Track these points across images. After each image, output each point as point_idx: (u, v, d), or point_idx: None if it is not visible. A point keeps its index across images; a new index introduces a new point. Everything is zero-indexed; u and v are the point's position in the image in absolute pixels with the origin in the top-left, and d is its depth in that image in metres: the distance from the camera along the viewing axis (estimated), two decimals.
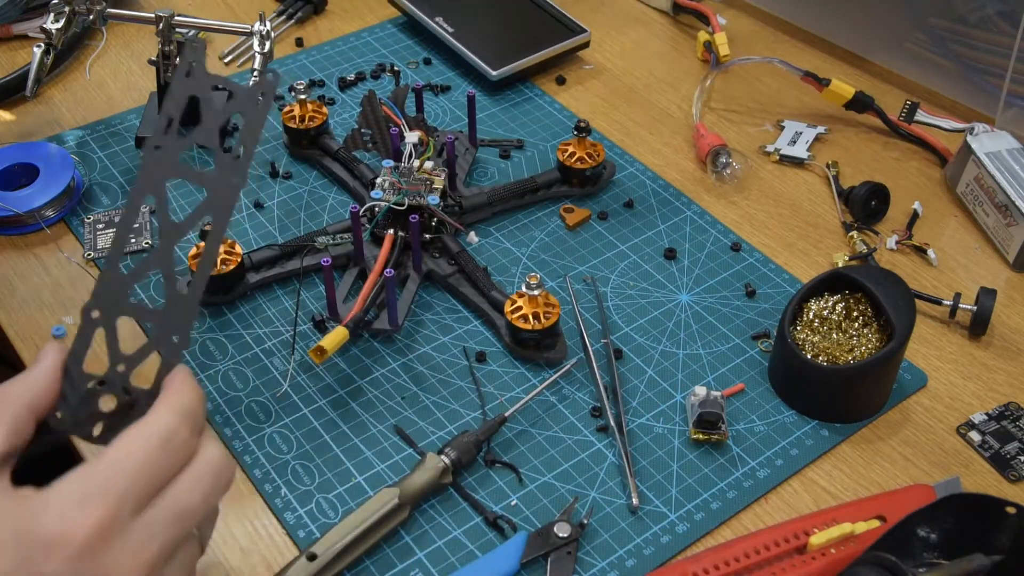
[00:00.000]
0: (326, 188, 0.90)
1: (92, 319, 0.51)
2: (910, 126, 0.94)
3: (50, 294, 0.81)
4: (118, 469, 0.45)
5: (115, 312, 0.51)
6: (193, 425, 0.48)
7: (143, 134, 0.93)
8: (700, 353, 0.76)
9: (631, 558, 0.64)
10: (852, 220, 0.86)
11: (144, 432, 0.47)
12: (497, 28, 1.04)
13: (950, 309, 0.78)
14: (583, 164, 0.87)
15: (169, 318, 0.51)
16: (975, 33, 0.94)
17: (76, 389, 0.50)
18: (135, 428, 0.47)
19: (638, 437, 0.71)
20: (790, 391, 0.73)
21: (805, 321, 0.73)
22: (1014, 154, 0.85)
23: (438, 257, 0.81)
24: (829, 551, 0.62)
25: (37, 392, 0.49)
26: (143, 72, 1.02)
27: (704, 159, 0.91)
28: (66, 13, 0.88)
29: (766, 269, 0.83)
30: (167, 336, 0.51)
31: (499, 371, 0.75)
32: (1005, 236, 0.83)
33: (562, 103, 0.99)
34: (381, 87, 1.00)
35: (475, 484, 0.68)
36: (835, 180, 0.89)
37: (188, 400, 0.49)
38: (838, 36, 1.06)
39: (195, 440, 0.48)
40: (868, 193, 0.85)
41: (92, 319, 0.51)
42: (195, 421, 0.48)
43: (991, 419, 0.72)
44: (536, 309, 0.74)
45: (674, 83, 1.02)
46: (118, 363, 0.51)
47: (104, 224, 0.85)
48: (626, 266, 0.83)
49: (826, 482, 0.69)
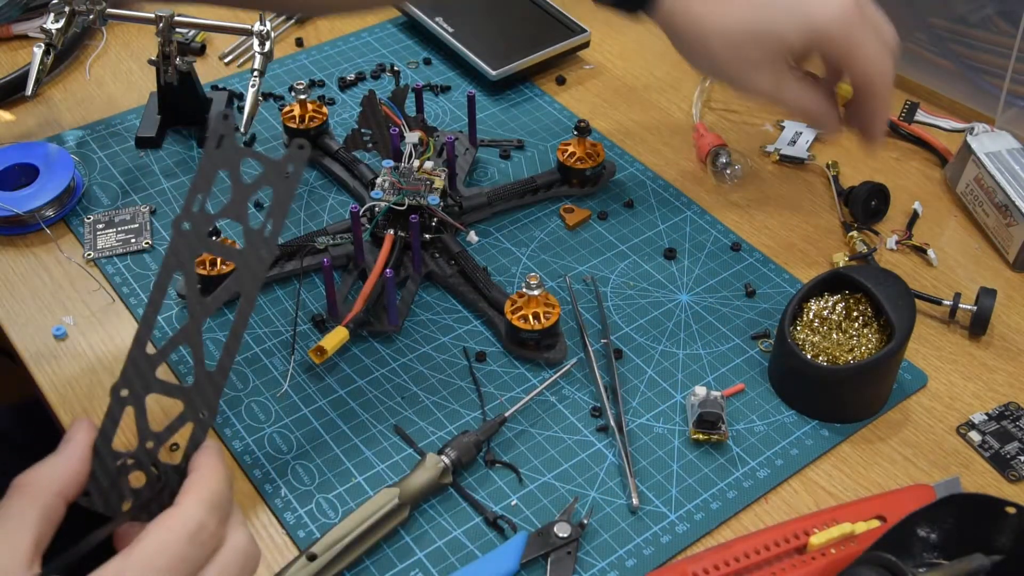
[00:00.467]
0: (326, 188, 0.90)
1: (121, 397, 0.52)
2: (910, 126, 0.94)
3: (50, 294, 0.80)
4: (150, 565, 0.46)
5: (144, 390, 0.52)
6: (221, 516, 0.50)
7: (143, 134, 0.93)
8: (700, 353, 0.76)
9: (631, 558, 0.64)
10: (852, 220, 0.86)
11: (173, 526, 0.48)
12: (497, 28, 1.04)
13: (950, 309, 0.78)
14: (583, 164, 0.87)
15: (198, 394, 0.52)
16: (975, 33, 0.94)
17: (106, 469, 0.51)
18: (165, 520, 0.48)
19: (638, 437, 0.71)
20: (790, 391, 0.73)
21: (805, 321, 0.73)
22: (1014, 154, 0.85)
23: (438, 257, 0.81)
24: (829, 551, 0.62)
25: (67, 477, 0.50)
26: (143, 72, 1.02)
27: (704, 159, 0.91)
28: (66, 13, 0.88)
29: (766, 269, 0.83)
30: (196, 412, 0.52)
31: (499, 371, 0.75)
32: (1005, 236, 0.83)
33: (562, 103, 0.99)
34: (381, 87, 1.00)
35: (475, 484, 0.68)
36: (835, 180, 0.89)
37: (215, 489, 0.50)
38: None
39: (223, 529, 0.50)
40: (868, 193, 0.85)
41: (121, 397, 0.52)
42: (223, 511, 0.50)
43: (991, 419, 0.72)
44: (536, 309, 0.74)
45: (674, 83, 1.02)
46: (147, 440, 0.52)
47: (104, 224, 0.85)
48: (626, 266, 0.83)
49: (826, 482, 0.69)
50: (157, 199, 0.88)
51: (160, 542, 0.47)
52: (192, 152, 0.92)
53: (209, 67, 1.03)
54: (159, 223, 0.86)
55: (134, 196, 0.88)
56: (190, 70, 0.92)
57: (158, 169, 0.91)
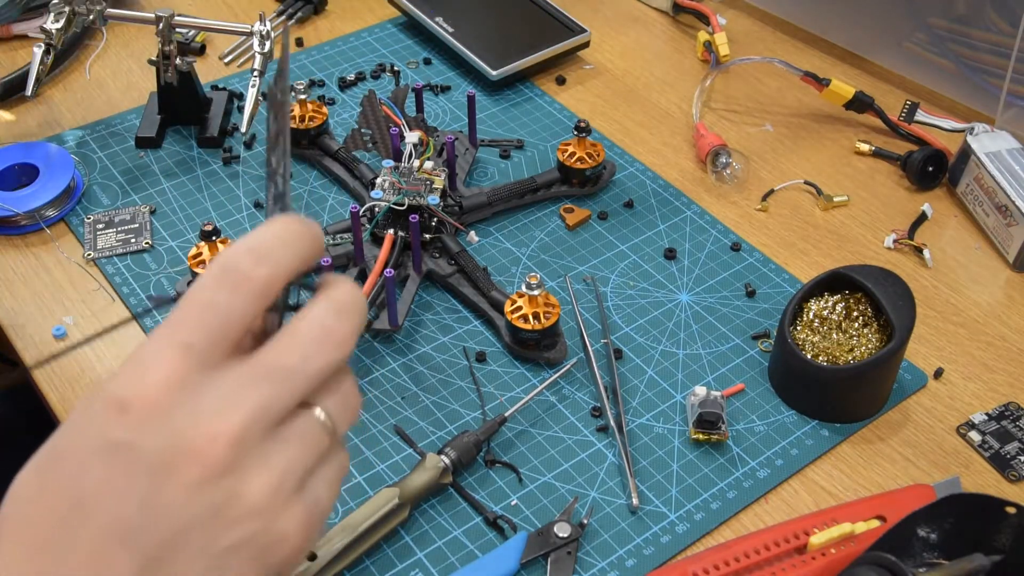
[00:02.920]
0: (326, 188, 0.90)
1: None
2: (910, 126, 0.93)
3: (50, 294, 0.80)
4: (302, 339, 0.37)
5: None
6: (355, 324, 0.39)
7: (143, 134, 0.93)
8: (700, 353, 0.76)
9: (631, 558, 0.64)
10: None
11: (308, 319, 0.39)
12: (497, 28, 1.04)
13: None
14: (583, 164, 0.87)
15: (277, 204, 0.45)
16: (975, 33, 0.94)
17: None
18: (298, 317, 0.39)
19: (638, 437, 0.71)
20: (790, 391, 0.73)
21: (805, 321, 0.73)
22: (1014, 154, 0.85)
23: (438, 257, 0.81)
24: (829, 551, 0.62)
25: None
26: (143, 72, 1.02)
27: (704, 159, 0.91)
28: (66, 13, 0.88)
29: (766, 269, 0.83)
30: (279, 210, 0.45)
31: (499, 371, 0.75)
32: (1005, 236, 0.83)
33: (562, 103, 0.99)
34: (381, 87, 1.00)
35: (475, 484, 0.68)
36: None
37: (347, 299, 0.40)
38: (838, 36, 1.06)
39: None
40: (924, 158, 0.88)
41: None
42: (359, 318, 0.39)
43: (991, 419, 0.72)
44: (536, 309, 0.74)
45: (674, 83, 1.02)
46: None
47: (104, 224, 0.85)
48: (626, 266, 0.83)
49: (826, 482, 0.69)
50: (157, 199, 0.88)
51: (293, 334, 0.38)
52: (192, 152, 0.92)
53: (209, 67, 1.03)
54: (159, 223, 0.86)
55: (134, 196, 0.88)
56: (190, 70, 0.92)
57: (158, 169, 0.91)
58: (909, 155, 0.90)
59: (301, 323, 0.38)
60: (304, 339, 0.38)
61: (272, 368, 0.37)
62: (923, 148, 0.90)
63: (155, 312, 0.76)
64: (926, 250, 0.83)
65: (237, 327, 0.37)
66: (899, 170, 0.91)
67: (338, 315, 0.39)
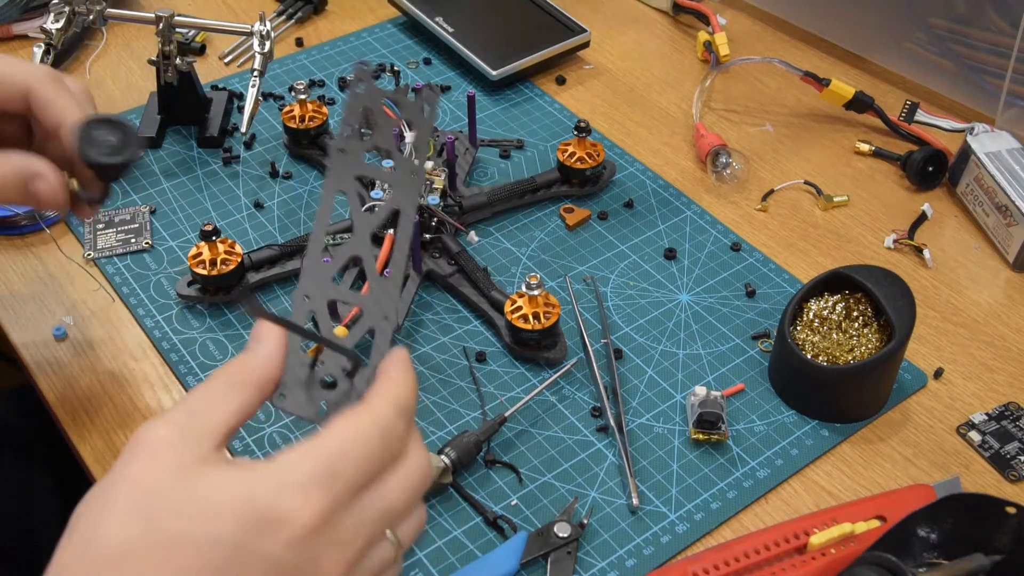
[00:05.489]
0: None
1: (304, 301, 0.52)
2: (910, 126, 0.94)
3: (50, 294, 0.80)
4: (344, 454, 0.44)
5: (324, 295, 0.52)
6: (408, 421, 0.47)
7: (143, 134, 0.93)
8: (700, 353, 0.76)
9: (631, 558, 0.64)
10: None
11: (364, 421, 0.45)
12: (497, 28, 1.04)
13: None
14: (583, 164, 0.87)
15: (375, 301, 0.52)
16: (975, 33, 0.94)
17: (297, 371, 0.50)
18: (355, 415, 0.45)
19: (638, 437, 0.71)
20: (790, 391, 0.73)
21: (805, 321, 0.73)
22: (1014, 154, 0.85)
23: (438, 257, 0.81)
24: (829, 551, 0.62)
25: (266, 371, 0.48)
26: (143, 72, 1.02)
27: (704, 159, 0.91)
28: (66, 13, 0.88)
29: (766, 269, 0.83)
30: (377, 317, 0.51)
31: (499, 371, 0.75)
32: (1005, 236, 0.83)
33: (562, 103, 0.99)
34: (381, 87, 1.00)
35: (475, 484, 0.68)
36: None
37: (404, 393, 0.47)
38: (838, 36, 1.06)
39: (407, 440, 0.47)
40: (924, 159, 0.88)
41: (304, 301, 0.52)
42: (409, 417, 0.47)
43: (991, 419, 0.72)
44: (536, 309, 0.74)
45: (674, 83, 1.02)
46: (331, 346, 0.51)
47: (104, 224, 0.85)
48: (626, 266, 0.83)
49: (826, 482, 0.69)
50: (157, 199, 0.88)
51: (353, 433, 0.44)
52: (192, 152, 0.92)
53: (209, 67, 1.03)
54: (159, 223, 0.86)
55: (134, 196, 0.88)
56: (190, 70, 0.92)
57: (158, 169, 0.91)
58: (909, 155, 0.90)
59: (407, 466, 0.46)
60: (411, 482, 0.46)
61: (387, 509, 0.45)
62: (923, 148, 0.90)
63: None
64: (926, 250, 0.83)
65: (377, 476, 0.45)
66: (899, 170, 0.91)
67: (429, 461, 0.48)
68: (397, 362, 0.49)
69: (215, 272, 0.76)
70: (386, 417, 0.45)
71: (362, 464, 0.44)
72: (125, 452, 0.44)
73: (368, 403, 0.46)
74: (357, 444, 0.44)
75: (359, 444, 0.44)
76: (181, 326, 0.78)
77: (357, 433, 0.44)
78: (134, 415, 0.72)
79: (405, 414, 0.47)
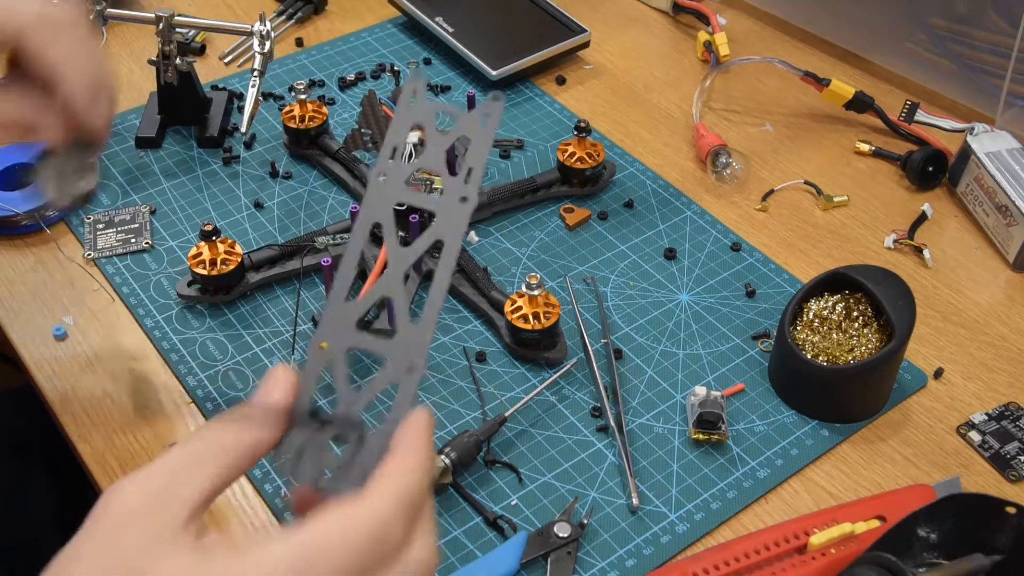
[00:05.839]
0: (326, 188, 0.90)
1: (320, 351, 0.47)
2: (910, 126, 0.94)
3: (50, 294, 0.80)
4: (327, 557, 0.39)
5: (345, 343, 0.47)
6: (411, 517, 0.42)
7: (143, 134, 0.93)
8: (700, 353, 0.76)
9: (631, 558, 0.64)
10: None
11: (358, 520, 0.41)
12: (497, 28, 1.04)
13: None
14: (583, 164, 0.87)
15: (403, 348, 0.46)
16: (975, 33, 0.94)
17: (300, 430, 0.46)
18: (350, 509, 0.41)
19: (638, 437, 0.71)
20: (790, 391, 0.73)
21: (805, 321, 0.73)
22: (1014, 154, 0.85)
23: (438, 257, 0.81)
24: (829, 551, 0.62)
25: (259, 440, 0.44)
26: (143, 72, 1.02)
27: (704, 159, 0.91)
28: None
29: (766, 269, 0.83)
30: (402, 367, 0.46)
31: (499, 371, 0.75)
32: (1005, 236, 0.83)
33: (562, 103, 0.99)
34: (381, 87, 1.00)
35: (475, 484, 0.68)
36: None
37: (413, 481, 0.43)
38: (838, 36, 1.06)
39: (409, 534, 0.42)
40: (924, 158, 0.88)
41: (320, 351, 0.47)
42: (414, 511, 0.43)
43: (991, 419, 0.72)
44: (536, 309, 0.74)
45: (674, 83, 1.02)
46: (345, 400, 0.47)
47: (104, 224, 0.85)
48: (626, 266, 0.83)
49: (826, 482, 0.69)
50: (157, 199, 0.88)
51: (340, 533, 0.40)
52: (192, 152, 0.92)
53: (209, 67, 1.03)
54: (159, 223, 0.86)
55: (134, 196, 0.88)
56: (190, 70, 0.92)
57: (158, 169, 0.91)
58: (909, 155, 0.90)
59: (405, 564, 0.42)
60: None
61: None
62: (923, 148, 0.90)
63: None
64: (926, 250, 0.83)
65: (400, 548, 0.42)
66: (899, 170, 0.91)
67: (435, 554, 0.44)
68: (413, 434, 0.44)
69: (215, 272, 0.76)
70: (384, 514, 0.41)
71: (350, 567, 0.40)
72: (91, 518, 0.41)
73: (366, 496, 0.42)
74: (344, 546, 0.40)
75: (346, 547, 0.40)
76: (181, 326, 0.78)
77: (345, 533, 0.40)
78: (134, 415, 0.72)
79: (409, 509, 0.42)
